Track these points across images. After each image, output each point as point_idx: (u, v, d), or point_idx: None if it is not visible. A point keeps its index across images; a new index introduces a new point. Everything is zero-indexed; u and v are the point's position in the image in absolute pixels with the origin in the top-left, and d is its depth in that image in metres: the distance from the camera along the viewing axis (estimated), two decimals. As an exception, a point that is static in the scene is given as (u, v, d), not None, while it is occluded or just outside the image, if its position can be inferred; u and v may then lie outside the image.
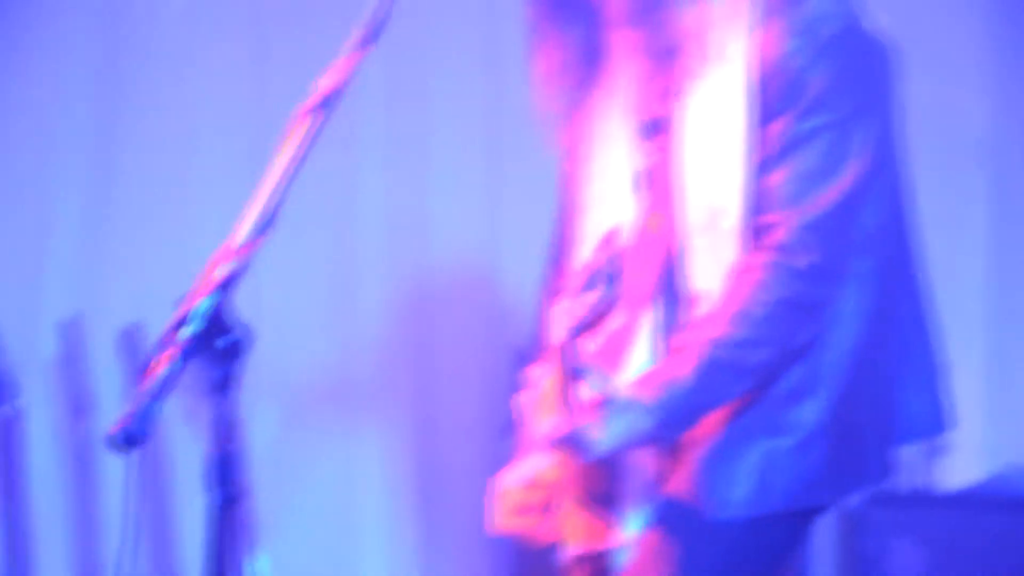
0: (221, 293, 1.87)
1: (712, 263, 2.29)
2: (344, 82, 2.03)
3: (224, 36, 4.00)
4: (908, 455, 3.93)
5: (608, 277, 2.19)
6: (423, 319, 4.06)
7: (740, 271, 2.27)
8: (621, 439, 2.25)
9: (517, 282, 3.85)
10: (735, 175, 2.28)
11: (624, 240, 2.35)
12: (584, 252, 2.38)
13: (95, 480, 3.71)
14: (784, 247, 2.25)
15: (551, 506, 2.40)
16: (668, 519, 2.34)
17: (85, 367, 3.77)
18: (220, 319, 1.87)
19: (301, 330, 4.00)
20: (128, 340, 3.85)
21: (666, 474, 2.37)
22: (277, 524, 3.87)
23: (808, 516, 2.36)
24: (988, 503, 3.79)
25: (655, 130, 2.37)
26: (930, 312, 2.42)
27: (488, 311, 4.05)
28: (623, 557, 2.37)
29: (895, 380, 2.37)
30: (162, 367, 1.83)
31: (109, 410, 3.68)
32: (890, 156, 2.34)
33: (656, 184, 2.37)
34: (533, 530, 2.44)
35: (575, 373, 2.26)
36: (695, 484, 2.31)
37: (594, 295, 2.20)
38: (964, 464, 4.01)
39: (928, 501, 3.85)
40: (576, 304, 2.23)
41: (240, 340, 1.88)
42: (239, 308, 1.89)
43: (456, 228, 4.07)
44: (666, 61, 2.32)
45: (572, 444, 2.27)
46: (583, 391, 2.28)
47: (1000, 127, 4.18)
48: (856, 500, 3.69)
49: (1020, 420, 4.11)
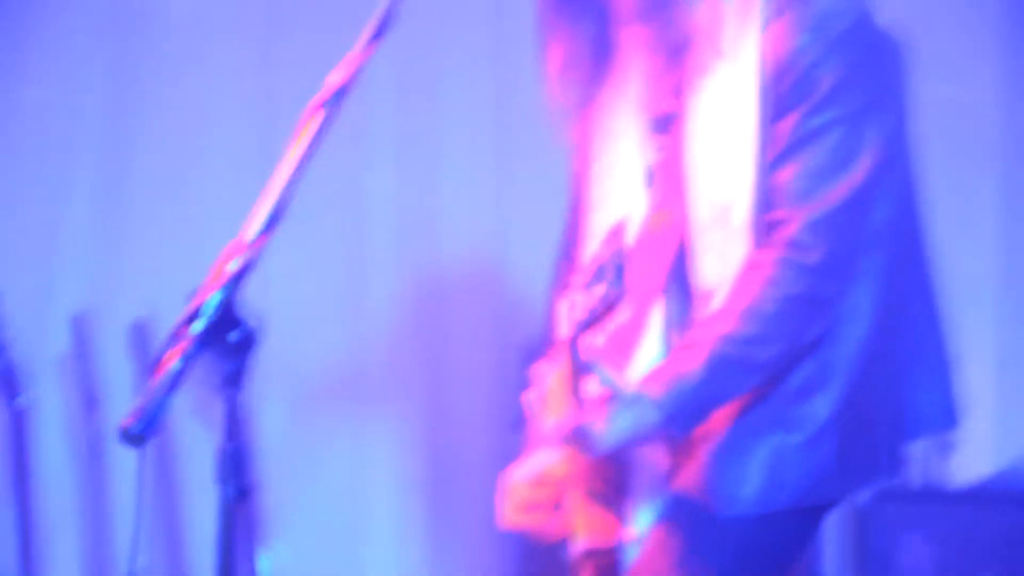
0: (232, 287, 1.88)
1: (721, 259, 2.29)
2: (354, 77, 2.03)
3: (235, 32, 4.00)
4: (918, 450, 3.94)
5: (615, 271, 2.18)
6: (432, 314, 4.06)
7: (750, 267, 2.27)
8: (627, 433, 2.25)
9: (526, 277, 3.85)
10: (745, 171, 2.28)
11: (631, 234, 2.35)
12: (593, 247, 2.38)
13: (105, 474, 3.71)
14: (794, 243, 2.24)
15: (560, 502, 2.40)
16: (677, 515, 2.34)
17: (96, 362, 3.78)
18: (231, 313, 1.87)
19: (311, 325, 4.00)
20: (138, 334, 3.86)
21: (675, 470, 2.37)
22: (287, 518, 3.87)
23: (818, 512, 2.36)
24: (998, 498, 3.79)
25: (665, 126, 2.38)
26: (940, 307, 2.42)
27: (497, 306, 4.05)
28: (632, 553, 2.37)
29: (905, 375, 2.37)
30: (174, 361, 1.84)
31: (119, 404, 3.68)
32: (901, 152, 2.34)
33: (665, 180, 2.37)
34: (542, 526, 2.44)
35: (582, 368, 2.25)
36: (704, 480, 2.30)
37: (601, 289, 2.19)
38: (974, 459, 4.00)
39: (938, 496, 3.85)
40: (583, 298, 2.22)
41: (250, 334, 1.88)
42: (249, 303, 1.90)
43: (465, 223, 4.07)
44: (676, 57, 2.32)
45: (579, 439, 2.27)
46: (590, 386, 2.28)
47: (1010, 122, 4.17)
48: (866, 495, 3.68)
49: (1030, 415, 4.11)
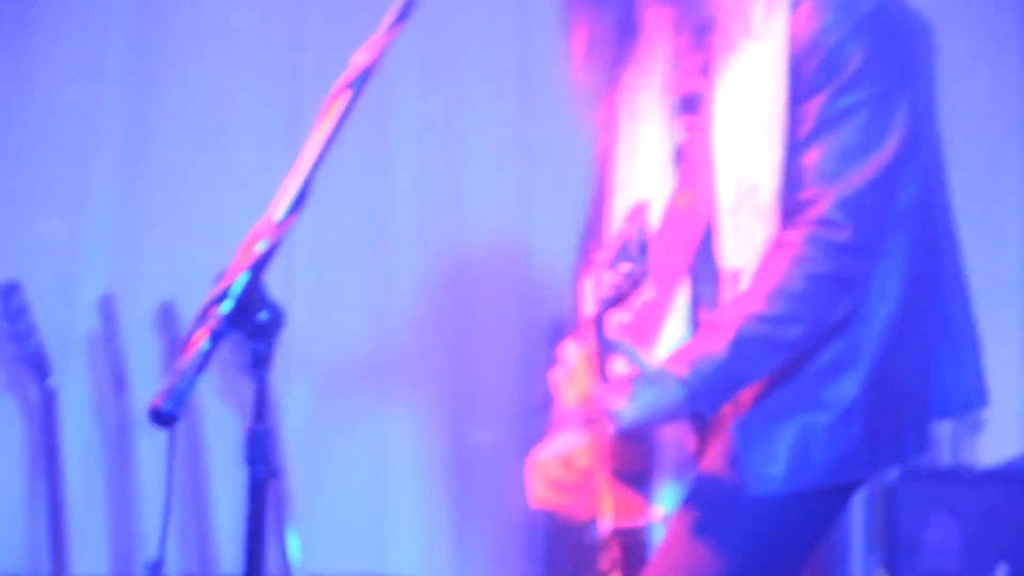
0: (259, 268, 1.88)
1: (747, 239, 2.29)
2: (379, 59, 2.03)
3: (260, 13, 4.00)
4: (946, 430, 3.93)
5: (639, 248, 2.18)
6: (457, 297, 4.06)
7: (777, 246, 2.27)
8: (651, 410, 2.24)
9: (550, 259, 3.84)
10: (771, 151, 2.27)
11: (657, 214, 2.35)
12: (617, 226, 2.37)
13: (133, 455, 3.73)
14: (823, 222, 2.24)
15: (586, 482, 2.41)
16: (703, 495, 2.34)
17: (123, 343, 3.79)
18: (258, 294, 1.88)
19: (335, 309, 4.00)
20: (165, 316, 3.87)
21: (702, 450, 2.37)
22: (310, 502, 3.88)
23: (845, 491, 2.36)
24: (1024, 478, 3.80)
25: (691, 106, 2.37)
26: (967, 287, 2.41)
27: (521, 289, 4.05)
28: (658, 533, 2.37)
29: (932, 355, 2.37)
30: (202, 341, 1.84)
31: (147, 386, 3.69)
32: (927, 130, 2.34)
33: (691, 160, 2.36)
34: (568, 506, 2.44)
35: (607, 346, 2.25)
36: (731, 460, 2.30)
37: (626, 266, 2.19)
38: (1001, 439, 4.00)
39: (966, 476, 3.85)
40: (608, 276, 2.22)
41: (278, 315, 1.89)
42: (273, 286, 1.90)
43: (489, 206, 4.06)
44: (702, 37, 2.32)
45: (601, 415, 2.27)
46: (615, 364, 2.28)
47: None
48: (894, 474, 3.68)
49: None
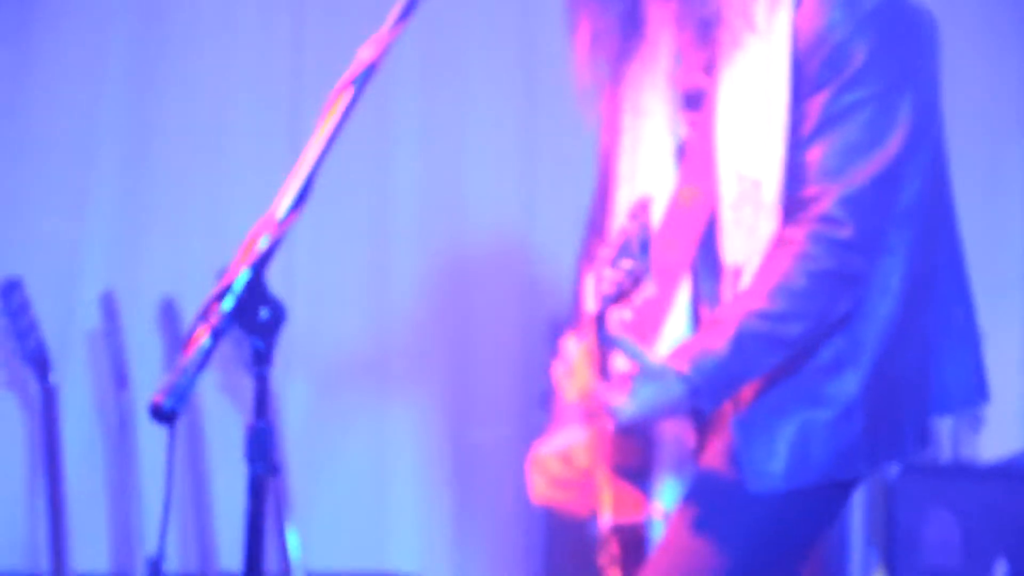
0: (262, 264, 1.89)
1: (750, 235, 2.29)
2: (382, 55, 2.03)
3: (262, 8, 4.00)
4: (946, 426, 3.93)
5: (641, 245, 2.18)
6: (457, 294, 4.06)
7: (780, 242, 2.27)
8: (650, 406, 2.24)
9: (552, 256, 3.85)
10: (774, 148, 2.27)
11: (660, 210, 2.35)
12: (619, 222, 2.38)
13: (134, 451, 3.73)
14: (825, 219, 2.24)
15: (585, 478, 2.41)
16: (703, 492, 2.34)
17: (124, 340, 3.79)
18: (260, 290, 1.88)
19: (335, 305, 4.00)
20: (166, 312, 3.87)
21: (702, 446, 2.37)
22: (310, 499, 3.88)
23: (845, 487, 2.37)
24: (1025, 474, 3.80)
25: (695, 102, 2.37)
26: (967, 283, 2.41)
27: (523, 285, 4.05)
28: (658, 529, 2.37)
29: (933, 351, 2.37)
30: (204, 338, 1.84)
31: (148, 382, 3.70)
32: (930, 127, 2.34)
33: (695, 155, 2.37)
34: (568, 502, 2.45)
35: (609, 342, 2.25)
36: (731, 457, 2.30)
37: (627, 263, 2.19)
38: (1002, 435, 4.00)
39: (966, 472, 3.85)
40: (610, 272, 2.22)
41: (280, 311, 1.89)
42: (274, 283, 1.90)
43: (491, 201, 4.06)
44: (707, 32, 2.32)
45: (602, 411, 2.27)
46: (617, 361, 2.28)
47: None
48: (894, 470, 3.69)
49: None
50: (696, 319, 2.38)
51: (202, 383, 1.88)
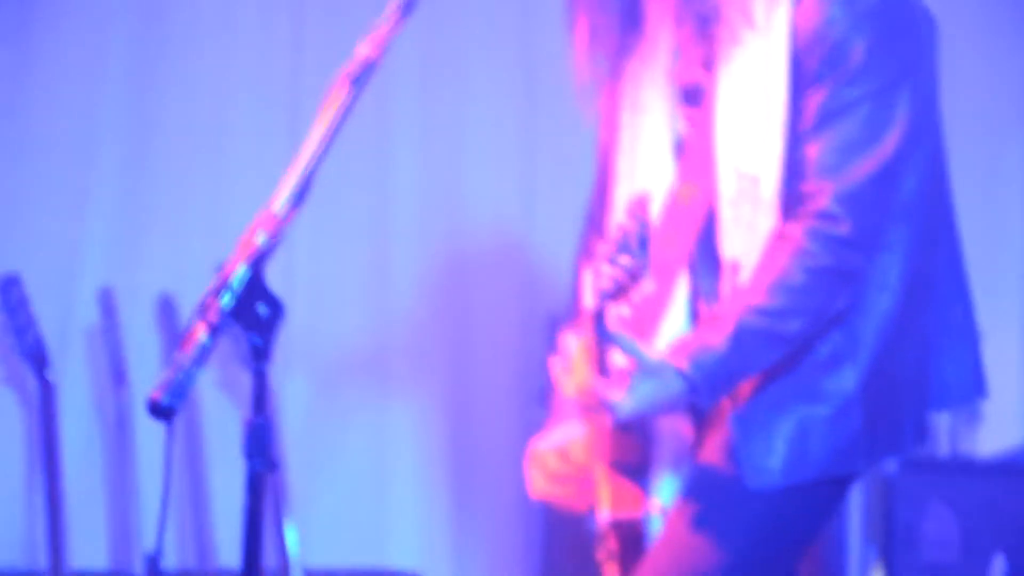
0: (260, 261, 1.89)
1: (748, 231, 2.29)
2: (381, 51, 2.03)
3: (262, 8, 4.00)
4: (944, 421, 3.94)
5: (639, 241, 2.18)
6: (457, 289, 4.06)
7: (778, 239, 2.27)
8: (649, 401, 2.25)
9: (551, 252, 3.85)
10: (774, 144, 2.28)
11: (658, 206, 2.35)
12: (618, 218, 2.38)
13: (132, 447, 3.73)
14: (824, 215, 2.25)
15: (584, 474, 2.41)
16: (701, 487, 2.34)
17: (122, 336, 3.79)
18: (259, 286, 1.88)
19: (335, 302, 4.00)
20: (164, 308, 3.87)
21: (700, 442, 2.38)
22: (309, 495, 3.88)
23: (843, 483, 2.37)
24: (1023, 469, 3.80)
25: (694, 98, 2.38)
26: (966, 279, 2.42)
27: (522, 281, 4.05)
28: (656, 525, 2.37)
29: (932, 347, 2.37)
30: (202, 334, 1.84)
31: (146, 378, 3.69)
32: (929, 124, 2.34)
33: (693, 151, 2.37)
34: (566, 498, 2.45)
35: (607, 338, 2.26)
36: (730, 452, 2.31)
37: (626, 259, 2.19)
38: (1000, 430, 4.00)
39: (964, 467, 3.85)
40: (608, 268, 2.22)
41: (278, 308, 1.89)
42: (273, 280, 1.90)
43: (490, 198, 4.06)
44: (704, 28, 2.32)
45: (600, 406, 2.27)
46: (615, 357, 2.28)
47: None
48: (892, 466, 3.69)
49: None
50: (694, 315, 2.39)
51: (200, 379, 1.88)
